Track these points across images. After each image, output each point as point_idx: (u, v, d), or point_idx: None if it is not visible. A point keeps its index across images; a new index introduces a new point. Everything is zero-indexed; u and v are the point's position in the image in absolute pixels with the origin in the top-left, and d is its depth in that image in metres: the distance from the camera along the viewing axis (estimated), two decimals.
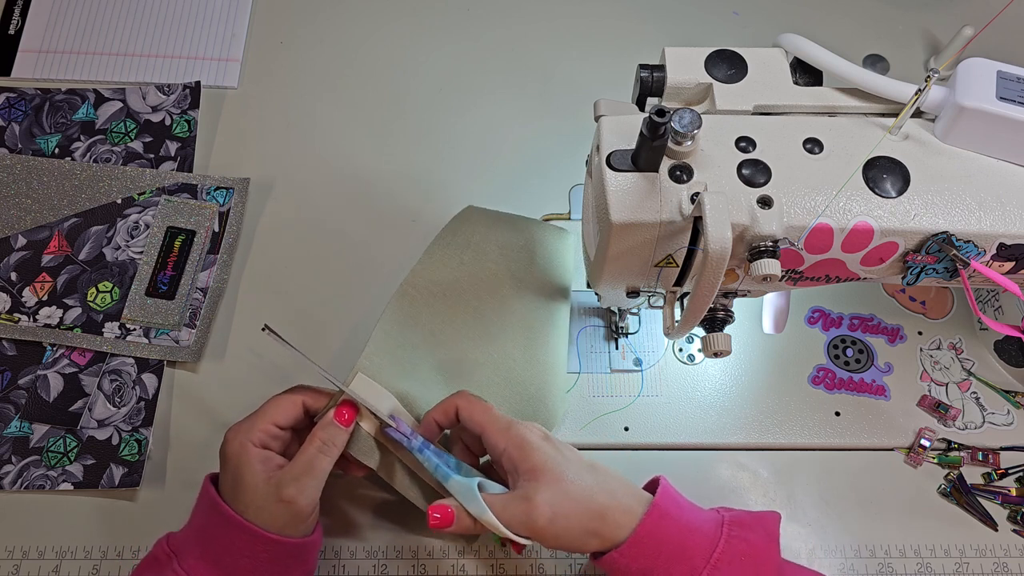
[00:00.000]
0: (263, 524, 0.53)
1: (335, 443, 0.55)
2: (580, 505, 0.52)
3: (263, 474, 0.53)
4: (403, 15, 0.85)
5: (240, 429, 0.55)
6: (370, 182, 0.77)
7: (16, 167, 0.75)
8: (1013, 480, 0.66)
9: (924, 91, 0.50)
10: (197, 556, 0.53)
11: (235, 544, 0.53)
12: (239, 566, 0.53)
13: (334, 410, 0.55)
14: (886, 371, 0.70)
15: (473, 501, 0.53)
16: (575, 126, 0.78)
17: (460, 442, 0.59)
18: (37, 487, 0.64)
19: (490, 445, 0.55)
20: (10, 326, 0.69)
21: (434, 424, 0.57)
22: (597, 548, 0.52)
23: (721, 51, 0.55)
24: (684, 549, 0.51)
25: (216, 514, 0.54)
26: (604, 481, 0.53)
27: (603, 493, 0.52)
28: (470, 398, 0.56)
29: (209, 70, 0.81)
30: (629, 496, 0.53)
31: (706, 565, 0.50)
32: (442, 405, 0.57)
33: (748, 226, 0.49)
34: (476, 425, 0.55)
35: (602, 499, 0.52)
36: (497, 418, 0.55)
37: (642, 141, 0.48)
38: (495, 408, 0.56)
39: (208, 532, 0.54)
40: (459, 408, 0.56)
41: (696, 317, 0.52)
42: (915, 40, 0.86)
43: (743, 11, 0.87)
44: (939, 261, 0.52)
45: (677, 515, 0.52)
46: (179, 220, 0.73)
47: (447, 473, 0.55)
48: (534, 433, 0.54)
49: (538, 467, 0.52)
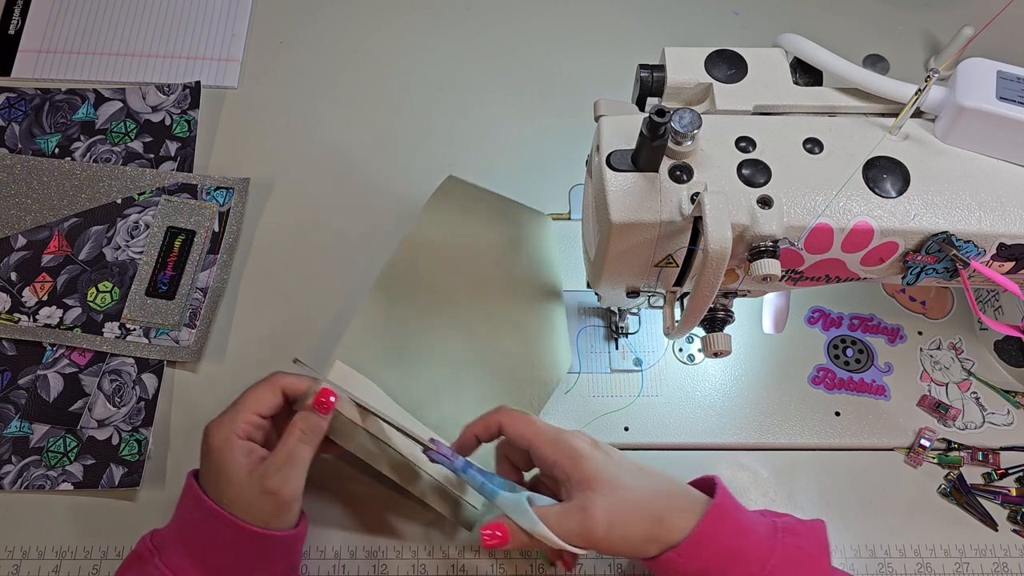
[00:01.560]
0: (247, 518, 0.52)
1: (316, 431, 0.55)
2: (638, 512, 0.51)
3: (247, 467, 0.53)
4: (403, 15, 0.85)
5: (223, 422, 0.54)
6: (370, 182, 0.77)
7: (16, 167, 0.75)
8: (1013, 480, 0.66)
9: (924, 91, 0.50)
10: (180, 552, 0.53)
11: (218, 538, 0.53)
12: (223, 560, 0.53)
13: (313, 398, 0.55)
14: (886, 371, 0.70)
15: (525, 516, 0.51)
16: (575, 126, 0.78)
17: (505, 460, 0.58)
18: (37, 487, 0.64)
19: (539, 458, 0.54)
20: (10, 326, 0.69)
21: (473, 439, 0.56)
22: (655, 552, 0.51)
23: (721, 51, 0.55)
24: (740, 553, 0.50)
25: (199, 509, 0.53)
26: (658, 484, 0.53)
27: (659, 497, 0.52)
28: (512, 412, 0.55)
29: (209, 70, 0.81)
30: (685, 497, 0.52)
31: (762, 572, 0.49)
32: (483, 420, 0.56)
33: (748, 226, 0.49)
34: (522, 439, 0.54)
35: (659, 503, 0.51)
36: (544, 430, 0.54)
37: (642, 141, 0.48)
38: (539, 420, 0.55)
39: (191, 527, 0.54)
40: (502, 424, 0.55)
41: (696, 317, 0.52)
42: (915, 40, 0.86)
43: (743, 11, 0.87)
44: (939, 261, 0.52)
45: (735, 518, 0.51)
46: (179, 220, 0.73)
47: (494, 490, 0.54)
48: (583, 441, 0.53)
49: (591, 476, 0.51)
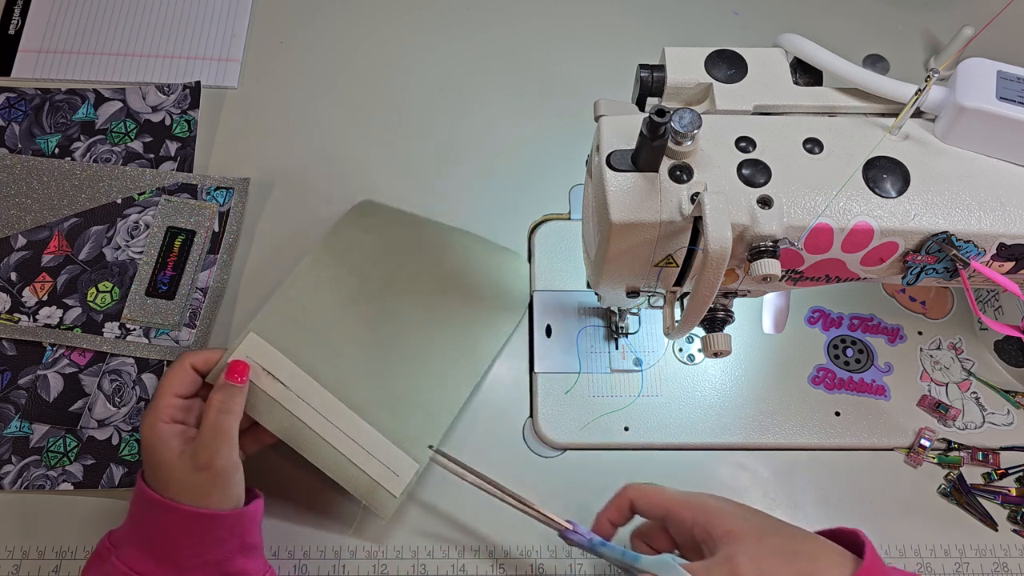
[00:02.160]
0: (189, 499, 0.53)
1: (234, 402, 0.56)
2: (786, 559, 0.49)
3: (177, 448, 0.54)
4: (403, 15, 0.85)
5: (147, 413, 0.56)
6: (370, 182, 0.77)
7: (16, 167, 0.75)
8: (1013, 480, 0.66)
9: (924, 91, 0.50)
10: (132, 544, 0.54)
11: (163, 525, 0.53)
12: (170, 545, 0.53)
13: (227, 370, 0.56)
14: (886, 371, 0.70)
15: (672, 572, 0.51)
16: (575, 126, 0.78)
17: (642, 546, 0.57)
18: (37, 487, 0.64)
19: (677, 521, 0.53)
20: (10, 326, 0.69)
21: (608, 525, 0.57)
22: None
23: (721, 51, 0.55)
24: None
25: (143, 501, 0.54)
26: (801, 537, 0.51)
27: (807, 546, 0.50)
28: (640, 487, 0.56)
29: (209, 70, 0.81)
30: (832, 552, 0.50)
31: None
32: (614, 503, 0.56)
33: (748, 226, 0.49)
34: (657, 508, 0.54)
35: (808, 551, 0.50)
36: (677, 495, 0.54)
37: (642, 141, 0.48)
38: (668, 488, 0.55)
39: (138, 519, 0.55)
40: (633, 500, 0.55)
41: (696, 317, 0.52)
42: (915, 40, 0.86)
43: (743, 11, 0.87)
44: (939, 261, 0.52)
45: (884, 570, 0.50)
46: (179, 220, 0.73)
47: (636, 556, 0.54)
48: (718, 498, 0.53)
49: (734, 529, 0.51)
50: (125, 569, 0.52)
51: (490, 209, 0.76)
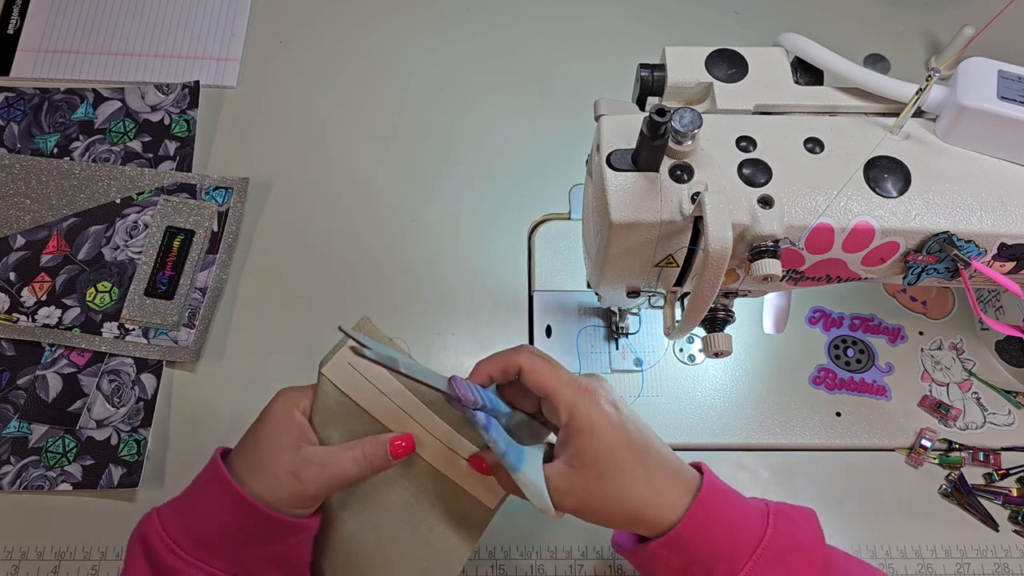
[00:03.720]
0: (264, 489, 0.51)
1: (374, 463, 0.53)
2: (613, 507, 0.50)
3: (296, 441, 0.52)
4: (403, 15, 0.85)
5: (292, 393, 0.54)
6: (369, 182, 0.77)
7: (15, 167, 0.75)
8: (1014, 480, 0.66)
9: (925, 91, 0.50)
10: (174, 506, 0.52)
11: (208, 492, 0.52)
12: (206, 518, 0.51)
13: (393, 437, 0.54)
14: (887, 371, 0.70)
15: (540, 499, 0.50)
16: (575, 126, 0.78)
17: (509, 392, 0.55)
18: (36, 487, 0.64)
19: (552, 411, 0.52)
20: (9, 326, 0.69)
21: (487, 378, 0.53)
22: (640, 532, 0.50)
23: (721, 50, 0.55)
24: (727, 544, 0.49)
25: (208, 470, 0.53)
26: (649, 477, 0.51)
27: (643, 494, 0.50)
28: (534, 357, 0.52)
29: (208, 70, 0.81)
30: (673, 491, 0.50)
31: (749, 560, 0.48)
32: (501, 359, 0.53)
33: (749, 226, 0.49)
34: (542, 390, 0.52)
35: (639, 502, 0.50)
36: (566, 384, 0.51)
37: (642, 141, 0.48)
38: (562, 369, 0.52)
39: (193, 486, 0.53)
40: (523, 369, 0.52)
41: (696, 317, 0.52)
42: (916, 40, 0.86)
43: (743, 11, 0.87)
44: (940, 261, 0.52)
45: (722, 510, 0.50)
46: (178, 220, 0.73)
47: (515, 465, 0.50)
48: (600, 413, 0.51)
49: (589, 457, 0.50)
50: (158, 525, 0.51)
51: (490, 209, 0.76)
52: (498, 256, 0.74)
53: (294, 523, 0.52)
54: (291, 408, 0.53)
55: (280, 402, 0.54)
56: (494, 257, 0.74)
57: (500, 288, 0.73)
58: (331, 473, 0.52)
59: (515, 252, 0.74)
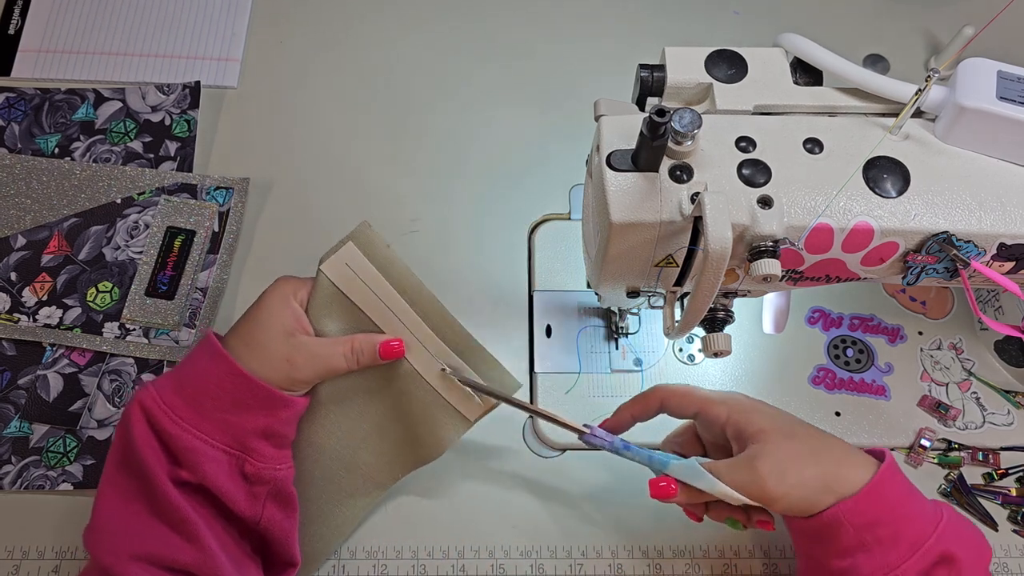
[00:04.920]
0: (257, 366, 0.53)
1: (362, 360, 0.56)
2: (812, 460, 0.51)
3: (292, 327, 0.55)
4: (403, 15, 0.85)
5: (291, 282, 0.57)
6: (370, 182, 0.77)
7: (16, 167, 0.75)
8: (1013, 480, 0.66)
9: (924, 91, 0.50)
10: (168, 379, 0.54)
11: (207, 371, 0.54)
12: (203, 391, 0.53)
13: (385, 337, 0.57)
14: (886, 371, 0.70)
15: (701, 478, 0.52)
16: (575, 126, 0.78)
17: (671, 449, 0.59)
18: (37, 487, 0.64)
19: (710, 417, 0.54)
20: (10, 326, 0.69)
21: (629, 418, 0.58)
22: (831, 502, 0.50)
23: (721, 51, 0.55)
24: (913, 511, 0.51)
25: (202, 346, 0.55)
26: (829, 440, 0.53)
27: (834, 449, 0.52)
28: (669, 387, 0.57)
29: (209, 70, 0.81)
30: (857, 455, 0.53)
31: (934, 531, 0.50)
32: (641, 399, 0.57)
33: (748, 226, 0.49)
34: (691, 406, 0.55)
35: (834, 454, 0.52)
36: (710, 392, 0.55)
37: (642, 141, 0.48)
38: (698, 387, 0.56)
39: (187, 362, 0.55)
40: (663, 400, 0.56)
41: (696, 317, 0.52)
42: (915, 40, 0.86)
43: (743, 11, 0.87)
44: (939, 261, 0.52)
45: (906, 481, 0.52)
46: (179, 220, 0.73)
47: (665, 460, 0.54)
48: (747, 397, 0.55)
49: (762, 428, 0.52)
50: (155, 394, 0.53)
51: (490, 209, 0.76)
52: (498, 256, 0.74)
53: (284, 397, 0.54)
54: (288, 296, 0.56)
55: (278, 289, 0.56)
56: (494, 257, 0.74)
57: (500, 288, 0.73)
58: (321, 363, 0.55)
59: (515, 252, 0.74)
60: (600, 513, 0.65)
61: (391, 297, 0.58)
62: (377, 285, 0.58)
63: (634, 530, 0.64)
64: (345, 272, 0.58)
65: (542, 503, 0.65)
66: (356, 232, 0.58)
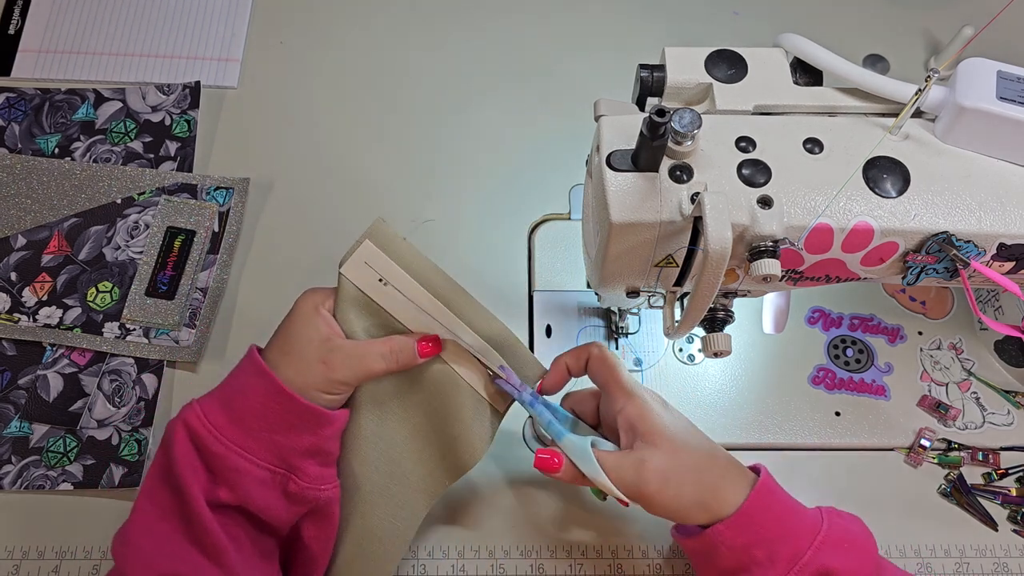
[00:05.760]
0: (291, 372, 0.53)
1: (400, 360, 0.55)
2: (694, 476, 0.52)
3: (325, 334, 0.54)
4: (403, 15, 0.85)
5: (316, 293, 0.57)
6: (370, 182, 0.77)
7: (16, 167, 0.75)
8: (1013, 480, 0.66)
9: (924, 91, 0.50)
10: (214, 398, 0.54)
11: (252, 389, 0.53)
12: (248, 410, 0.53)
13: (421, 337, 0.56)
14: (886, 371, 0.70)
15: (588, 462, 0.52)
16: (575, 126, 0.78)
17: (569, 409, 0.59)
18: (37, 487, 0.64)
19: (610, 399, 0.55)
20: (10, 326, 0.69)
21: (565, 369, 0.57)
22: (703, 521, 0.52)
23: (721, 51, 0.55)
24: (788, 529, 0.51)
25: (246, 364, 0.55)
26: (716, 455, 0.54)
27: (717, 467, 0.53)
28: (604, 352, 0.56)
29: (209, 70, 0.81)
30: (738, 473, 0.53)
31: (810, 547, 0.50)
32: (576, 351, 0.57)
33: (748, 226, 0.49)
34: (602, 377, 0.56)
35: (716, 472, 0.52)
36: (625, 377, 0.55)
37: (642, 141, 0.48)
38: (624, 366, 0.56)
39: (231, 381, 0.55)
40: (591, 357, 0.56)
41: (696, 317, 0.52)
42: (915, 40, 0.86)
43: (743, 11, 0.87)
44: (939, 261, 0.52)
45: (782, 498, 0.53)
46: (179, 220, 0.73)
47: (560, 431, 0.55)
48: (654, 398, 0.55)
49: (657, 431, 0.52)
50: (200, 412, 0.53)
51: (490, 209, 0.76)
52: (498, 256, 0.74)
53: (324, 412, 0.54)
54: (317, 306, 0.56)
55: (307, 300, 0.56)
56: (494, 257, 0.74)
57: (500, 288, 0.73)
58: (359, 364, 0.54)
59: (515, 252, 0.74)
60: (600, 513, 0.65)
61: (415, 290, 0.57)
62: (399, 280, 0.57)
63: (634, 530, 0.64)
64: (366, 271, 0.57)
65: (542, 503, 0.65)
66: (372, 229, 0.58)
